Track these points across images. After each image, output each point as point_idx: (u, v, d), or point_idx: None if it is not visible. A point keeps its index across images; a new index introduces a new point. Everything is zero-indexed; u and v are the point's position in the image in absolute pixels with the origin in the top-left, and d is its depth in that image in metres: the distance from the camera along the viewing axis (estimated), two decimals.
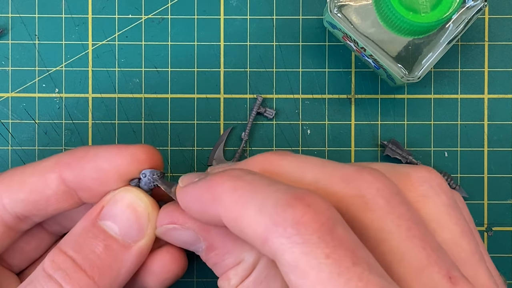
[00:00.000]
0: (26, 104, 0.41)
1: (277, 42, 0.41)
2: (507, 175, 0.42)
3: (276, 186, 0.23)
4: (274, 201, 0.22)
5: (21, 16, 0.41)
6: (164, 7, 0.41)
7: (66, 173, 0.28)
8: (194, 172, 0.28)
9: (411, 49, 0.36)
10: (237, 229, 0.23)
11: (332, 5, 0.36)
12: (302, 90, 0.41)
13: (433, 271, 0.22)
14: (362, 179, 0.24)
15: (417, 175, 0.26)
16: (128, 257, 0.28)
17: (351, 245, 0.21)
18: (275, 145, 0.41)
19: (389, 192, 0.23)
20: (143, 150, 0.29)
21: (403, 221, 0.23)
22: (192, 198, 0.25)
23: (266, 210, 0.22)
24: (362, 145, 0.41)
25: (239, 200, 0.23)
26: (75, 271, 0.27)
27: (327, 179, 0.24)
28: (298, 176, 0.25)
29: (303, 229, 0.21)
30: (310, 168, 0.25)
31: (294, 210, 0.21)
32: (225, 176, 0.24)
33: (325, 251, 0.20)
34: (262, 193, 0.22)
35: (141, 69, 0.41)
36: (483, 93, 0.42)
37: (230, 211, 0.23)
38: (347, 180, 0.24)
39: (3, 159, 0.41)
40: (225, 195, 0.23)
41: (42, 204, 0.29)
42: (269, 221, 0.21)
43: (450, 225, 0.25)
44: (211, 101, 0.41)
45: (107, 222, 0.28)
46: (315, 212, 0.21)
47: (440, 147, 0.42)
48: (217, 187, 0.24)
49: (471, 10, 0.36)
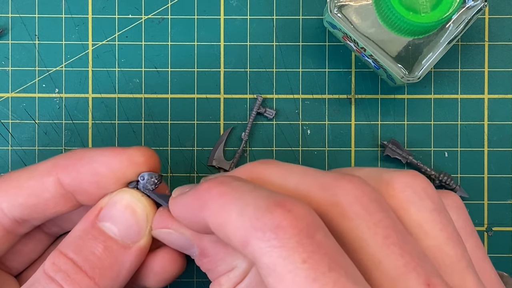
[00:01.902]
0: (26, 104, 0.41)
1: (277, 42, 0.41)
2: (507, 175, 0.42)
3: (259, 192, 0.23)
4: (255, 206, 0.22)
5: (21, 16, 0.41)
6: (164, 7, 0.41)
7: (64, 177, 0.28)
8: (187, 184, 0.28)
9: (411, 49, 0.36)
10: (222, 234, 0.23)
11: (332, 5, 0.36)
12: (302, 90, 0.41)
13: (411, 278, 0.22)
14: (340, 186, 0.24)
15: (400, 180, 0.25)
16: (128, 257, 0.28)
17: (329, 250, 0.21)
18: (275, 145, 0.41)
19: (367, 199, 0.23)
20: (140, 153, 0.29)
21: (380, 229, 0.23)
22: (182, 207, 0.26)
23: (247, 215, 0.22)
24: (362, 145, 0.41)
25: (223, 205, 0.23)
26: (76, 273, 0.27)
27: (307, 187, 0.24)
28: (281, 184, 0.25)
29: (281, 233, 0.21)
30: (292, 177, 0.25)
31: (274, 215, 0.21)
32: (212, 183, 0.24)
33: (302, 256, 0.21)
34: (245, 198, 0.23)
35: (141, 69, 0.41)
36: (483, 93, 0.42)
37: (215, 217, 0.23)
38: (325, 188, 0.24)
39: (3, 159, 0.41)
40: (211, 202, 0.23)
41: (41, 207, 0.29)
42: (249, 225, 0.22)
43: (434, 231, 0.24)
44: (211, 101, 0.41)
45: (106, 223, 0.28)
46: (294, 217, 0.21)
47: (440, 147, 0.42)
48: (204, 194, 0.24)
49: (471, 10, 0.36)
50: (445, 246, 0.24)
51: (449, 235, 0.24)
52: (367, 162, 0.41)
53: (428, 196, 0.25)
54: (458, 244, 0.24)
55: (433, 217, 0.25)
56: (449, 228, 0.25)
